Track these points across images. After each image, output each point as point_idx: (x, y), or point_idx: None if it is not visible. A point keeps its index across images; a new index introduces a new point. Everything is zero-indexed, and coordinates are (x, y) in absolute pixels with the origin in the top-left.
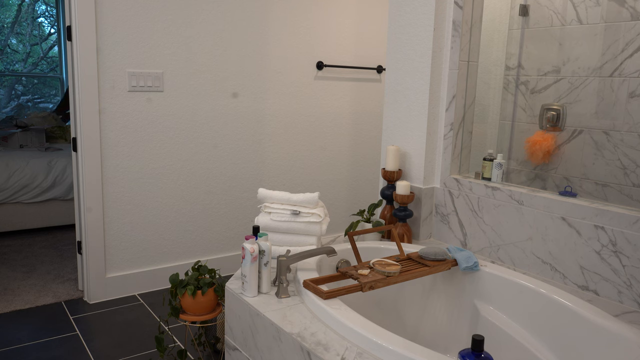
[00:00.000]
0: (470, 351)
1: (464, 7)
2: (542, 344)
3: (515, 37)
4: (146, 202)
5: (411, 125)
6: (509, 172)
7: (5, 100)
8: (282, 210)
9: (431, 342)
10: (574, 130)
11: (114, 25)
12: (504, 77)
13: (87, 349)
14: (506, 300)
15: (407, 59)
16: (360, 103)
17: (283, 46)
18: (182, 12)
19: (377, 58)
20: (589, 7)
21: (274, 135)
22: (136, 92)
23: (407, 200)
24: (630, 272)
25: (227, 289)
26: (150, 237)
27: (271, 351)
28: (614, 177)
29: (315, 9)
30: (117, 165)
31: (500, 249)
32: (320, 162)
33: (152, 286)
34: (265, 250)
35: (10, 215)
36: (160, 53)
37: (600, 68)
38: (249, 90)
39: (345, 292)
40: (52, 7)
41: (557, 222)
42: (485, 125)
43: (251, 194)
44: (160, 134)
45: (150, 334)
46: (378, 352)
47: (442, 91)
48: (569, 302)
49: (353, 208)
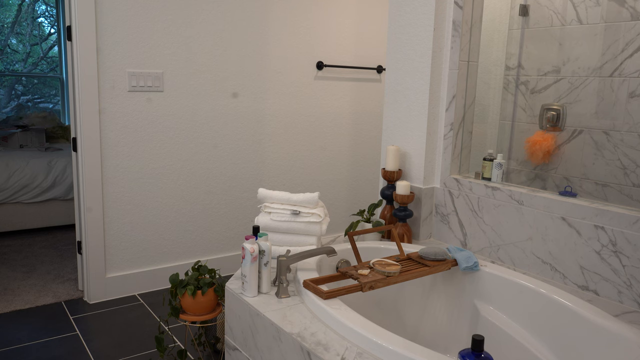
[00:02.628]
0: (470, 351)
1: (464, 7)
2: (542, 344)
3: (515, 37)
4: (146, 202)
5: (411, 125)
6: (509, 172)
7: (5, 100)
8: (282, 210)
9: (431, 342)
10: (574, 130)
11: (114, 25)
12: (504, 77)
13: (87, 349)
14: (506, 300)
15: (407, 59)
16: (360, 103)
17: (283, 46)
18: (182, 12)
19: (377, 58)
20: (589, 7)
21: (274, 135)
22: (136, 92)
23: (407, 200)
24: (630, 272)
25: (227, 289)
26: (150, 237)
27: (271, 351)
28: (614, 177)
29: (315, 9)
30: (117, 165)
31: (500, 249)
32: (320, 162)
33: (152, 286)
34: (265, 250)
35: (10, 215)
36: (160, 53)
37: (600, 68)
38: (249, 90)
39: (345, 292)
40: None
41: (557, 222)
42: (485, 125)
43: (251, 194)
44: (160, 134)
45: (150, 334)
46: (378, 352)
47: (442, 91)
48: (569, 302)
49: (353, 208)
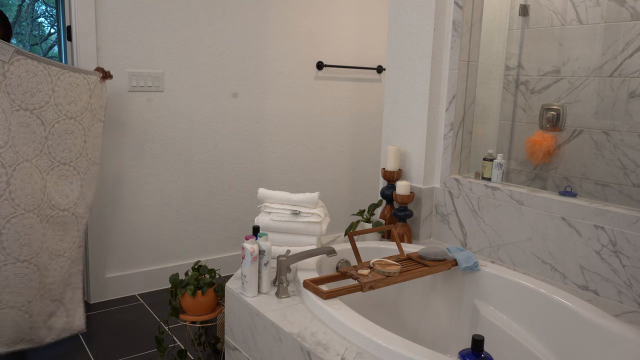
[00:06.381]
0: (470, 351)
1: (464, 7)
2: (542, 344)
3: (515, 37)
4: (146, 202)
5: (411, 125)
6: (509, 172)
7: None
8: (282, 210)
9: (431, 342)
10: (574, 130)
11: (114, 25)
12: (504, 77)
13: (87, 349)
14: (506, 300)
15: (407, 59)
16: (360, 103)
17: (283, 46)
18: (182, 12)
19: (377, 58)
20: (589, 7)
21: (274, 135)
22: (136, 92)
23: (407, 200)
24: (630, 272)
25: (227, 289)
26: (150, 237)
27: (271, 351)
28: (614, 177)
29: (315, 9)
30: (117, 165)
31: (500, 249)
32: (320, 162)
33: (152, 286)
34: (265, 250)
35: None
36: (160, 53)
37: (600, 68)
38: (249, 90)
39: (345, 292)
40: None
41: (557, 222)
42: (485, 125)
43: (251, 194)
44: (160, 134)
45: (150, 334)
46: (378, 352)
47: (442, 91)
48: (569, 302)
49: (353, 208)
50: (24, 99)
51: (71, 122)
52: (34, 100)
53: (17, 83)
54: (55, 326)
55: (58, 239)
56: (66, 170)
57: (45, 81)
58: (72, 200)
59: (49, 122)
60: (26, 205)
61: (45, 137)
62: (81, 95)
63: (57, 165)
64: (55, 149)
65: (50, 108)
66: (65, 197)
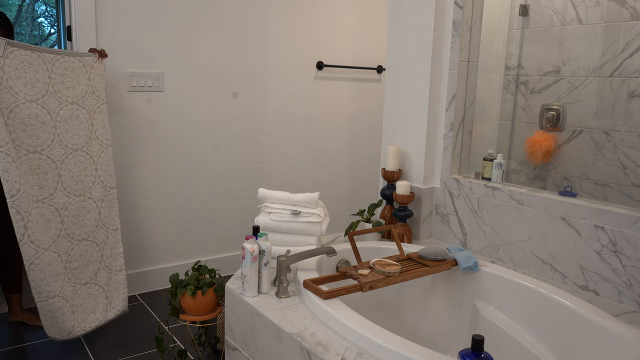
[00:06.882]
0: (470, 351)
1: (464, 7)
2: (542, 344)
3: (515, 37)
4: (146, 202)
5: (411, 125)
6: (509, 172)
7: None
8: (282, 210)
9: (431, 342)
10: (574, 130)
11: (114, 25)
12: (504, 77)
13: (87, 349)
14: (506, 300)
15: (407, 59)
16: (360, 103)
17: (283, 46)
18: (182, 12)
19: (377, 58)
20: (589, 7)
21: (274, 135)
22: (136, 92)
23: (407, 200)
24: (630, 272)
25: (227, 289)
26: (150, 237)
27: (271, 351)
28: (614, 177)
29: (315, 9)
30: (116, 165)
31: (500, 249)
32: (320, 162)
33: (152, 286)
34: (265, 250)
35: None
36: (160, 53)
37: (600, 68)
38: (249, 90)
39: (345, 292)
40: (52, 7)
41: (557, 222)
42: (485, 125)
43: (251, 194)
44: (160, 133)
45: (150, 334)
46: (378, 352)
47: (442, 91)
48: (569, 302)
49: (353, 208)
50: (26, 91)
51: (74, 107)
52: (35, 90)
53: (16, 75)
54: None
55: (77, 227)
56: (80, 157)
57: (41, 69)
58: (87, 185)
59: (54, 110)
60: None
61: (54, 125)
62: (79, 79)
63: (70, 153)
64: (64, 137)
65: (51, 96)
66: (80, 182)
